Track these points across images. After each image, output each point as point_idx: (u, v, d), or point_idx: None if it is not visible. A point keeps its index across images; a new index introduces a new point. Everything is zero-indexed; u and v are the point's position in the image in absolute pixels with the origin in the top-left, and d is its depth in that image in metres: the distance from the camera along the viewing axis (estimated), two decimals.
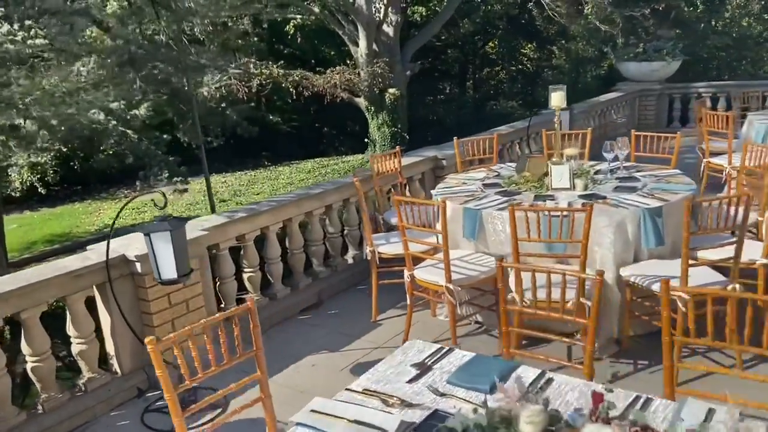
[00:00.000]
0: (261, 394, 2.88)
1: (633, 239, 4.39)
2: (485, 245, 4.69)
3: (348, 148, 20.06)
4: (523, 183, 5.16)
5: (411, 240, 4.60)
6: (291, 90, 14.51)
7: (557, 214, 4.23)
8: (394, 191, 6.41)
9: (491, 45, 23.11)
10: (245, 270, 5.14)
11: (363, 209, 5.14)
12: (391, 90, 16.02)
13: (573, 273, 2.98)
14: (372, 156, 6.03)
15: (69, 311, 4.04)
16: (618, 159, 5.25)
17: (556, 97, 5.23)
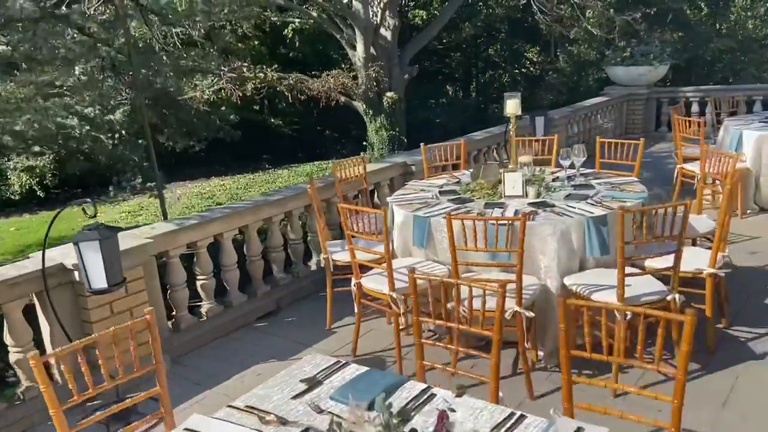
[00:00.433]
0: (162, 410, 2.85)
1: (578, 248, 4.34)
2: (434, 253, 4.65)
3: (349, 151, 20.04)
4: (479, 190, 5.11)
5: (358, 249, 4.57)
6: (286, 94, 14.50)
7: (502, 222, 4.18)
8: (360, 197, 6.39)
9: (494, 48, 23.03)
10: (198, 277, 5.13)
11: (318, 216, 5.11)
12: (389, 94, 15.98)
13: (486, 286, 2.92)
14: (335, 162, 6.00)
15: (6, 319, 4.04)
16: (574, 166, 5.19)
17: (510, 105, 5.18)
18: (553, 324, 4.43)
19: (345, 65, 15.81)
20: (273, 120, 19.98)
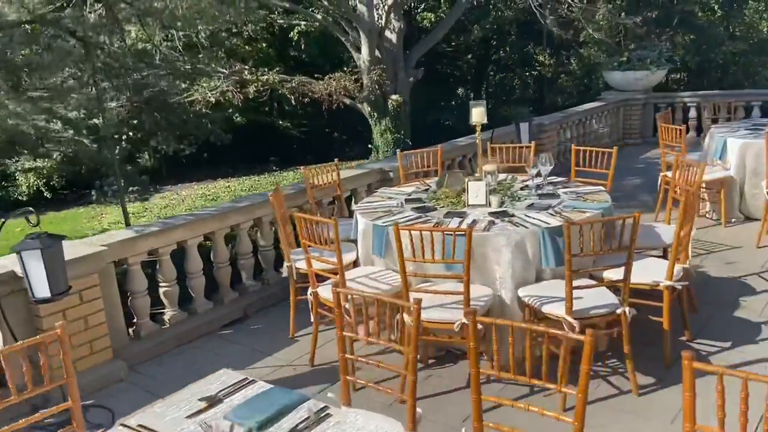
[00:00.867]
0: (73, 424, 2.84)
1: (533, 259, 4.28)
2: (393, 262, 4.59)
3: (357, 153, 20.05)
4: (444, 199, 5.07)
5: (314, 258, 4.55)
6: (289, 96, 14.53)
7: (458, 233, 4.14)
8: (336, 204, 6.37)
9: (504, 51, 22.91)
10: (161, 285, 5.14)
11: (281, 224, 5.09)
12: (394, 96, 15.95)
13: (402, 303, 2.88)
14: (305, 169, 5.98)
15: None
16: (541, 175, 5.12)
17: (476, 113, 5.14)
18: (509, 335, 4.37)
19: (353, 67, 15.77)
20: (281, 122, 20.04)
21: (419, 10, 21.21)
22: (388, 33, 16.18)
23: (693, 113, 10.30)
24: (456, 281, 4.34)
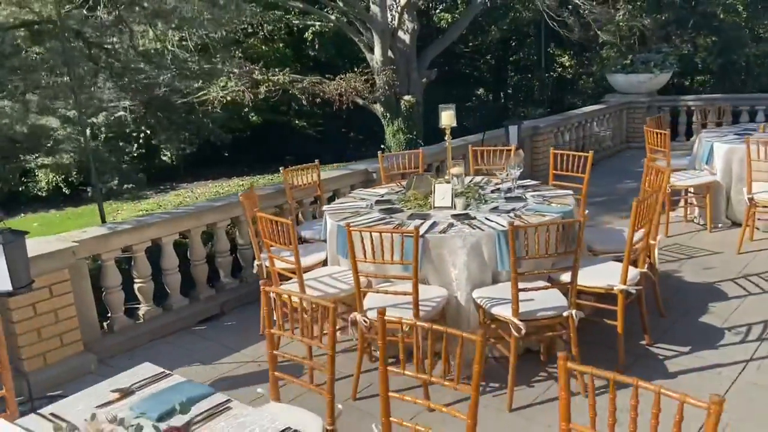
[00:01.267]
0: (8, 410, 2.97)
1: (489, 261, 4.33)
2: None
3: (372, 153, 20.10)
4: (412, 201, 5.13)
5: (277, 258, 4.66)
6: (299, 97, 14.66)
7: (399, 235, 4.23)
8: (318, 203, 6.46)
9: (522, 52, 22.82)
10: (136, 281, 5.28)
11: (250, 224, 5.20)
12: (407, 97, 16.02)
13: (325, 304, 2.95)
14: (285, 170, 6.08)
15: None
16: (508, 178, 5.16)
17: (445, 117, 5.20)
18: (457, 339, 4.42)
19: (363, 68, 15.84)
20: (298, 121, 20.21)
21: (437, 10, 21.23)
22: (401, 33, 16.24)
23: (697, 117, 10.14)
24: (408, 282, 4.43)
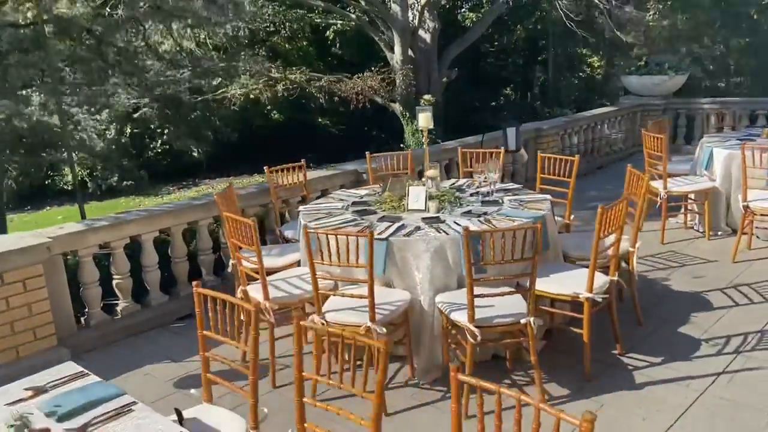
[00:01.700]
0: None
1: (454, 265, 4.27)
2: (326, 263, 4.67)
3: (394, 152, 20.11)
4: (388, 203, 5.09)
5: (243, 258, 4.65)
6: (317, 95, 14.70)
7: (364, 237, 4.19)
8: (305, 203, 6.45)
9: (550, 52, 22.52)
10: (114, 277, 5.33)
11: (225, 224, 5.20)
12: (426, 96, 15.94)
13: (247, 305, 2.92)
14: (269, 169, 6.07)
15: None
16: (486, 181, 5.09)
17: (423, 119, 5.15)
18: (427, 340, 4.38)
19: (380, 67, 15.82)
20: (321, 119, 20.28)
21: (462, 9, 21.09)
22: (422, 32, 16.17)
23: (713, 121, 9.86)
24: (380, 284, 4.41)
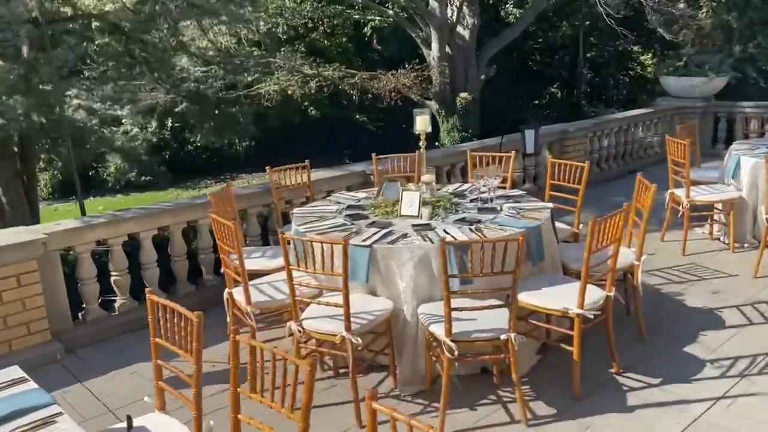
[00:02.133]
0: None
1: (439, 275, 4.12)
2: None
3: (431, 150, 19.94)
4: (381, 207, 4.96)
5: (229, 259, 4.60)
6: (350, 92, 14.65)
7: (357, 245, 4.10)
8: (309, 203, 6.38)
9: (597, 49, 22.01)
10: (112, 273, 5.35)
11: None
12: (463, 94, 15.70)
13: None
14: (271, 169, 6.00)
15: None
16: (485, 187, 4.92)
17: (420, 122, 5.01)
18: (410, 351, 4.25)
19: (414, 64, 15.65)
20: (358, 116, 20.25)
21: (507, 5, 20.74)
22: (460, 29, 15.91)
23: (754, 125, 9.42)
24: (364, 291, 4.30)
